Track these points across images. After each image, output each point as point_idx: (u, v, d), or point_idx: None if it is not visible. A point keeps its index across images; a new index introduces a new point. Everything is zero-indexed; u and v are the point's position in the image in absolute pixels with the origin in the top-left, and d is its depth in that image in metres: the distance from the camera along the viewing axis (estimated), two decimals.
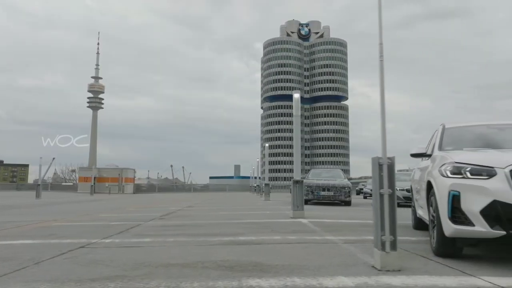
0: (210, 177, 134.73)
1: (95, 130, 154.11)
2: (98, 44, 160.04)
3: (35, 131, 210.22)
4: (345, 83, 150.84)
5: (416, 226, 6.10)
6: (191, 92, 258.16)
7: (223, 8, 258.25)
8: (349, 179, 24.41)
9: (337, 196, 14.53)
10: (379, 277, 2.85)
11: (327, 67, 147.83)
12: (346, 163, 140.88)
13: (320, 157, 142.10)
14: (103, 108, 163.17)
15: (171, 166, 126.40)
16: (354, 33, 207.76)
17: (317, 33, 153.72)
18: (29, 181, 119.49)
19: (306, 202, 12.72)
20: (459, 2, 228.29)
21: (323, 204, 14.57)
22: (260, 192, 27.30)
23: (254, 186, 35.79)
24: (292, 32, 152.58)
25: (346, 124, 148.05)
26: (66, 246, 4.32)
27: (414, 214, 6.22)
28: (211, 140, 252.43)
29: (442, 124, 5.32)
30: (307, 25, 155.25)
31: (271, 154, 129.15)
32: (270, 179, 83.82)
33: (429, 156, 4.83)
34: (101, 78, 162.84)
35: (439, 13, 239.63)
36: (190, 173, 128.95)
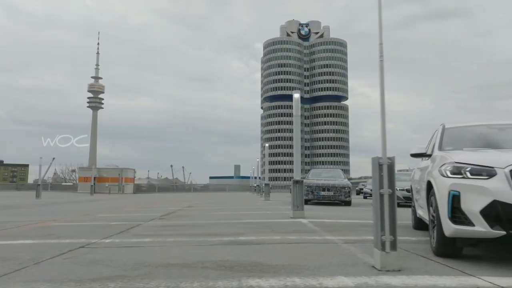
0: (210, 177, 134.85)
1: (95, 130, 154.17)
2: (98, 44, 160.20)
3: (35, 131, 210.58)
4: (345, 83, 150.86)
5: (416, 226, 6.10)
6: (191, 92, 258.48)
7: (223, 8, 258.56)
8: (349, 179, 24.41)
9: (337, 196, 14.53)
10: (379, 277, 2.85)
11: (327, 67, 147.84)
12: (346, 163, 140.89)
13: (320, 157, 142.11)
14: (103, 108, 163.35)
15: (171, 166, 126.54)
16: (354, 33, 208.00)
17: (317, 33, 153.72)
18: (29, 181, 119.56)
19: (306, 202, 12.72)
20: (459, 2, 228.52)
21: (323, 204, 14.56)
22: (260, 192, 27.30)
23: (254, 186, 35.80)
24: (292, 32, 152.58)
25: (346, 124, 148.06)
26: (65, 246, 4.32)
27: (414, 214, 6.22)
28: (211, 140, 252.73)
29: (442, 124, 5.31)
30: (307, 25, 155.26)
31: (271, 154, 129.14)
32: (270, 179, 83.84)
33: (429, 156, 4.83)
34: (101, 78, 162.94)
35: (439, 13, 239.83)
36: (190, 173, 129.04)
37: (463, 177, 3.46)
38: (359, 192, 37.41)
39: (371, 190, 3.97)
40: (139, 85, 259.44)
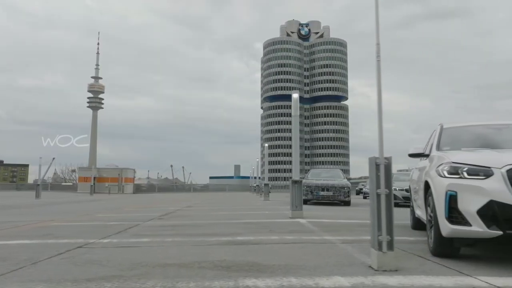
0: (210, 177, 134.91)
1: (95, 130, 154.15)
2: (98, 44, 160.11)
3: (35, 131, 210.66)
4: (345, 83, 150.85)
5: (415, 226, 6.10)
6: (191, 92, 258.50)
7: (223, 8, 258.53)
8: (348, 179, 24.42)
9: (336, 196, 14.54)
10: (375, 277, 2.85)
11: (327, 67, 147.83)
12: (346, 163, 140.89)
13: (320, 157, 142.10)
14: (103, 108, 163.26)
15: (171, 166, 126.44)
16: (354, 33, 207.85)
17: (317, 33, 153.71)
18: (29, 181, 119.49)
19: (305, 202, 12.74)
20: (459, 2, 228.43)
21: (322, 204, 14.57)
22: (259, 192, 27.30)
23: (254, 186, 35.81)
24: (292, 32, 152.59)
25: (346, 124, 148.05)
26: (63, 246, 4.32)
27: (412, 214, 6.22)
28: (211, 140, 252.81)
29: (440, 124, 5.32)
30: (307, 25, 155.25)
31: (271, 154, 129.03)
32: (270, 179, 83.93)
33: (427, 156, 4.83)
34: (101, 78, 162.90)
35: (439, 13, 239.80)
36: (190, 173, 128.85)
37: (460, 177, 3.47)
38: (358, 192, 37.46)
39: None
40: (139, 85, 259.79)
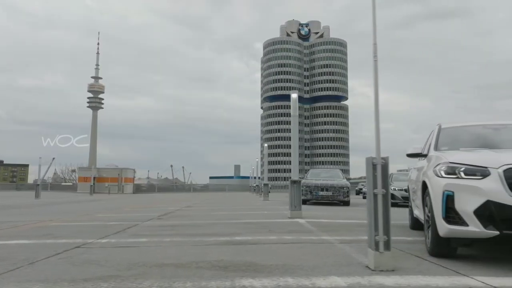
0: (210, 177, 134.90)
1: (95, 130, 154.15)
2: (98, 44, 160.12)
3: (35, 131, 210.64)
4: (345, 83, 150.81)
5: (413, 226, 6.10)
6: (191, 92, 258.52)
7: (223, 8, 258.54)
8: (348, 179, 24.45)
9: (336, 196, 14.54)
10: (372, 277, 2.85)
11: (327, 67, 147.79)
12: (346, 163, 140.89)
13: (320, 157, 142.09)
14: (103, 108, 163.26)
15: (171, 166, 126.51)
16: (354, 33, 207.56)
17: (317, 33, 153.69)
18: (29, 181, 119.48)
19: (304, 202, 12.75)
20: (459, 2, 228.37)
21: (321, 204, 14.57)
22: (259, 192, 27.31)
23: (254, 186, 35.82)
24: (292, 32, 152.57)
25: (346, 124, 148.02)
26: (61, 246, 4.32)
27: (411, 214, 6.22)
28: (211, 140, 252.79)
29: (438, 124, 5.32)
30: (307, 25, 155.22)
31: (270, 154, 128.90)
32: (269, 179, 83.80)
33: (425, 156, 4.84)
34: (101, 78, 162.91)
35: (439, 13, 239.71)
36: (190, 173, 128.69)
37: (457, 177, 3.47)
38: (358, 192, 37.43)
39: None
40: (139, 85, 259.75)
